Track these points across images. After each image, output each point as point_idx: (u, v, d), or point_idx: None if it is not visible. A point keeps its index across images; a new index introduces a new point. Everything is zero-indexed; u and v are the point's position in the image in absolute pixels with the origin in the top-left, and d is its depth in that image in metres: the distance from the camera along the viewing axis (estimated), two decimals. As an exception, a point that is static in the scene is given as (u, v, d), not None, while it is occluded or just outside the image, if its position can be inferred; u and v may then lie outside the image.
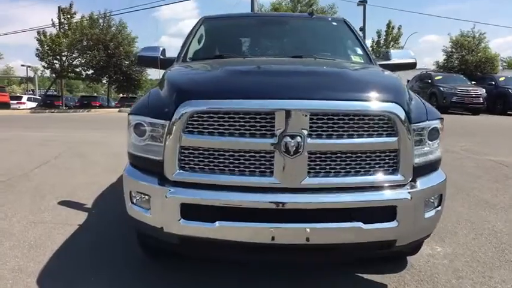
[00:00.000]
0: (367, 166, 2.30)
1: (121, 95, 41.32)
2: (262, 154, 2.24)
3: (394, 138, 2.27)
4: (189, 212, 2.28)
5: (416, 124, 2.37)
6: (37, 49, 30.50)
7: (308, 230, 2.22)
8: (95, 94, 56.23)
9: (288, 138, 2.18)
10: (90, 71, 32.19)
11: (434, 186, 2.47)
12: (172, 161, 2.31)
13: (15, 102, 34.02)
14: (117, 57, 30.33)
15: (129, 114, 2.59)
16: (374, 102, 2.27)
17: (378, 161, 2.31)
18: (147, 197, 2.41)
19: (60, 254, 3.19)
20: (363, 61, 3.85)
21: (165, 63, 3.97)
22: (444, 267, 3.02)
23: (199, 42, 4.31)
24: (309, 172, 2.25)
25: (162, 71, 3.34)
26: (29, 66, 57.82)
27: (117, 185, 5.23)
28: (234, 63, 3.15)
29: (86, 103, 34.58)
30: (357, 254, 2.59)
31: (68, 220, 3.93)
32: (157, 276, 2.86)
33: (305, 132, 2.18)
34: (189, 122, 2.26)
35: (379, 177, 2.32)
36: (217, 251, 2.49)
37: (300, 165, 2.22)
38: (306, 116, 2.18)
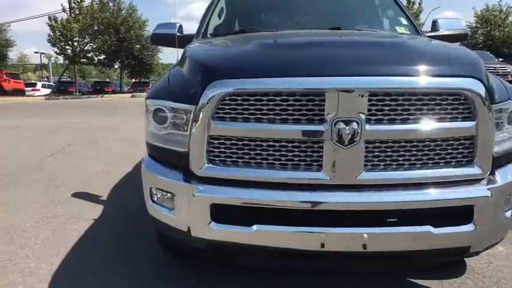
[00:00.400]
0: (436, 157, 1.89)
1: (133, 80, 41.07)
2: (308, 144, 1.84)
3: (472, 123, 1.84)
4: (221, 213, 1.91)
5: (497, 104, 1.93)
6: (49, 35, 30.43)
7: (365, 235, 1.83)
8: (107, 80, 56.25)
9: (342, 125, 1.77)
10: (102, 56, 32.00)
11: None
12: (199, 153, 1.92)
13: (29, 89, 34.07)
14: (128, 41, 30.01)
15: (146, 98, 2.20)
16: (447, 78, 1.83)
17: (450, 151, 1.89)
18: (170, 195, 2.04)
19: (74, 254, 2.88)
20: (409, 32, 3.37)
21: (182, 41, 3.55)
22: (510, 270, 2.61)
23: (219, 16, 3.86)
24: (365, 165, 1.84)
25: (179, 52, 2.94)
26: (43, 53, 57.99)
27: (133, 174, 4.92)
28: (267, 36, 2.71)
29: (98, 89, 34.45)
30: (420, 262, 2.20)
31: (83, 214, 3.62)
32: (180, 277, 2.52)
33: (362, 116, 1.77)
34: (220, 107, 1.86)
35: (452, 170, 1.90)
36: (251, 258, 2.12)
37: (355, 157, 1.82)
38: (363, 96, 1.76)
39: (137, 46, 30.97)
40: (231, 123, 1.87)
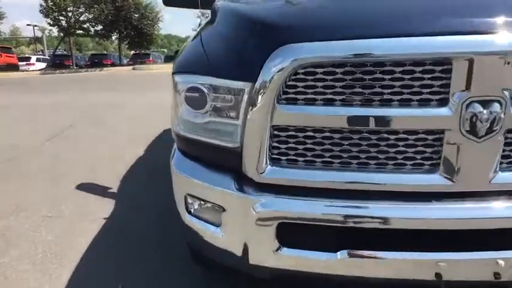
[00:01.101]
0: None
1: (133, 52, 39.73)
2: (420, 136, 1.27)
3: None
4: (292, 235, 1.37)
5: None
6: (40, 5, 28.93)
7: (500, 262, 1.28)
8: (105, 52, 54.76)
9: (478, 107, 1.19)
10: (99, 27, 30.68)
11: None
12: (258, 150, 1.36)
13: (23, 63, 32.89)
14: (126, 10, 28.70)
15: (174, 73, 1.60)
16: None
17: None
18: (216, 208, 1.49)
19: (84, 267, 2.36)
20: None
21: (203, -1, 2.88)
22: None
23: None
24: (501, 163, 1.28)
25: (182, 20, 2.29)
26: (35, 26, 56.07)
27: (146, 160, 4.37)
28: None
29: (97, 62, 33.22)
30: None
31: (91, 212, 3.09)
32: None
33: (507, 94, 1.18)
34: (290, 84, 1.28)
35: None
36: None
37: (490, 152, 1.25)
38: (509, 64, 1.16)
39: (136, 15, 29.57)
40: (307, 108, 1.29)
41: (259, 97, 1.30)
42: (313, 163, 1.35)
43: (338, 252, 1.33)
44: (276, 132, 1.34)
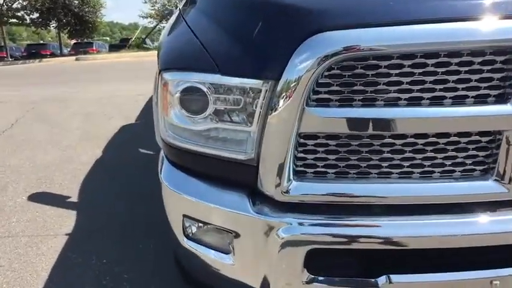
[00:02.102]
0: None
1: (74, 41, 37.20)
2: (475, 138, 1.08)
3: None
4: (323, 263, 1.14)
5: None
6: (-35, -9, 26.28)
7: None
8: (42, 41, 50.99)
9: (546, 104, 1.01)
10: (35, 15, 28.37)
11: None
12: (281, 162, 1.10)
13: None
14: (64, -4, 26.74)
15: (163, 70, 1.29)
16: None
17: None
18: (225, 233, 1.22)
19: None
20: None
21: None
22: None
23: None
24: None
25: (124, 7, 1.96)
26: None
27: (105, 161, 3.95)
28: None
29: (34, 52, 30.71)
30: None
31: (48, 227, 2.69)
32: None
33: None
34: (322, 82, 1.03)
35: None
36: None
37: (549, 154, 1.08)
38: None
39: (76, 1, 27.66)
40: (342, 111, 1.05)
41: (284, 99, 1.04)
42: (347, 175, 1.12)
43: (380, 278, 1.12)
44: (302, 140, 1.09)
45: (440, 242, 1.10)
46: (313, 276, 1.13)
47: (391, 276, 1.11)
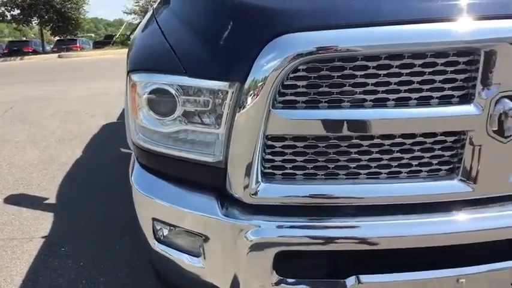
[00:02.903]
0: None
1: (57, 38, 36.52)
2: (440, 138, 1.09)
3: None
4: (292, 264, 1.14)
5: None
6: None
7: (519, 273, 1.16)
8: (24, 38, 49.97)
9: (509, 103, 1.02)
10: (16, 11, 27.77)
11: None
12: (249, 164, 1.09)
13: None
14: (46, -8, 26.21)
15: (131, 71, 1.27)
16: None
17: None
18: (196, 237, 1.21)
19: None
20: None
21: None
22: None
23: None
24: (520, 162, 1.14)
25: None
26: None
27: (85, 161, 3.89)
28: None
29: (16, 49, 30.06)
30: None
31: (24, 230, 2.64)
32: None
33: (537, 87, 1.03)
34: (288, 84, 1.02)
35: None
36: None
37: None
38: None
39: (58, -2, 27.17)
40: (309, 113, 1.05)
41: (249, 101, 1.03)
42: (315, 177, 1.12)
43: (348, 279, 1.13)
44: (270, 142, 1.09)
45: (409, 241, 1.11)
46: (282, 278, 1.13)
47: (360, 276, 1.11)
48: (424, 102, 1.04)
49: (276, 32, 1.00)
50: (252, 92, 1.02)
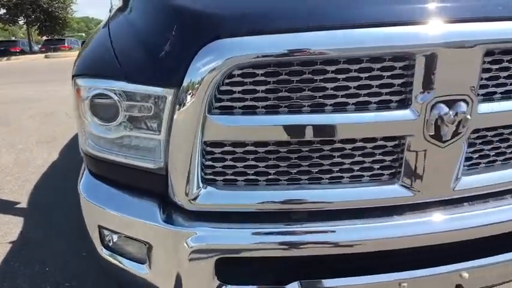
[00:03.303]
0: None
1: (45, 38, 36.11)
2: (379, 143, 1.08)
3: None
4: (233, 270, 1.13)
5: None
6: None
7: (465, 274, 1.16)
8: (14, 38, 49.36)
9: (443, 108, 1.02)
10: (2, 11, 27.42)
11: None
12: (187, 170, 1.08)
13: None
14: (32, -8, 25.91)
15: (75, 76, 1.25)
16: None
17: None
18: (140, 244, 1.20)
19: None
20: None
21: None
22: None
23: None
24: (463, 166, 1.14)
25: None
26: None
27: (61, 164, 3.85)
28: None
29: (3, 50, 29.68)
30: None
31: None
32: None
33: (473, 93, 1.03)
34: (223, 89, 1.01)
35: None
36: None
37: (454, 157, 1.11)
38: (478, 57, 1.01)
39: (44, -3, 26.85)
40: (245, 119, 1.04)
41: (185, 106, 1.02)
42: (257, 183, 1.11)
43: (290, 285, 1.12)
44: (209, 148, 1.08)
45: (351, 247, 1.10)
46: (223, 284, 1.12)
47: (302, 282, 1.11)
48: (362, 107, 1.04)
49: (209, 38, 0.99)
50: (186, 97, 1.01)
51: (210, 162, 1.09)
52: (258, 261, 1.13)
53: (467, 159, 1.15)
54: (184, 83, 1.01)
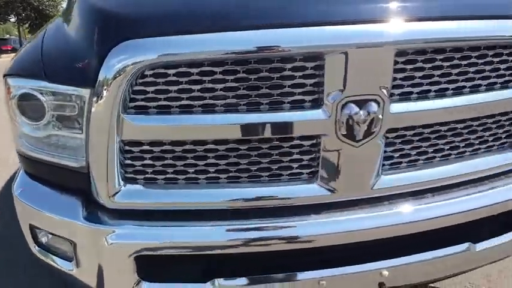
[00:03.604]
0: (477, 141, 1.27)
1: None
2: (295, 142, 1.10)
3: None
4: (155, 267, 1.15)
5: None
6: None
7: (385, 272, 1.19)
8: (7, 36, 49.03)
9: (353, 108, 1.04)
10: (-8, 9, 27.26)
11: None
12: (105, 169, 1.10)
13: None
14: (23, -11, 25.75)
15: (6, 75, 1.27)
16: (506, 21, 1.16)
17: (494, 131, 1.28)
18: (66, 241, 1.21)
19: None
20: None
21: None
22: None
23: None
24: (383, 165, 1.16)
25: None
26: None
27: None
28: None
29: (-4, 48, 29.58)
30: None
31: None
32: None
33: (385, 92, 1.05)
34: (137, 89, 1.03)
35: (497, 158, 1.30)
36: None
37: (370, 156, 1.12)
38: (389, 58, 1.03)
39: (35, -5, 26.69)
40: (160, 118, 1.05)
41: (99, 106, 1.03)
42: (176, 181, 1.13)
43: (209, 283, 1.13)
44: (127, 147, 1.09)
45: (270, 245, 1.12)
46: (142, 280, 1.13)
47: (216, 280, 1.12)
48: (275, 107, 1.06)
49: (120, 38, 1.00)
50: (100, 97, 1.02)
51: (129, 161, 1.11)
52: (179, 258, 1.15)
53: (388, 158, 1.17)
54: (97, 84, 1.02)
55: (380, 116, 1.06)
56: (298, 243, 1.13)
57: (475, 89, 1.17)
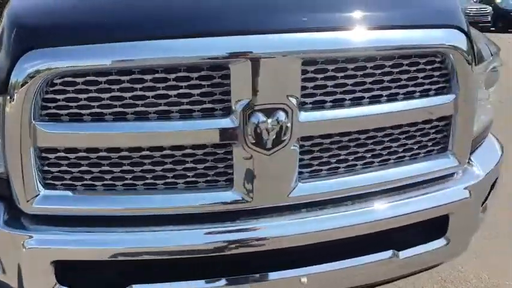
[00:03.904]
0: (400, 149, 1.29)
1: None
2: (207, 151, 1.12)
3: (450, 96, 1.24)
4: (74, 272, 1.17)
5: (480, 66, 1.34)
6: None
7: (303, 279, 1.20)
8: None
9: (260, 117, 1.06)
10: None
11: (495, 166, 1.51)
12: (21, 175, 1.11)
13: None
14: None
15: None
16: (421, 31, 1.17)
17: (418, 139, 1.30)
18: (-9, 248, 1.23)
19: None
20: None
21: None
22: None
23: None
24: (300, 173, 1.18)
25: None
26: None
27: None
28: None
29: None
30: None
31: None
32: None
33: (293, 101, 1.07)
34: (48, 97, 1.05)
35: (421, 166, 1.31)
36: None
37: (285, 164, 1.14)
38: (295, 67, 1.05)
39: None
40: (72, 125, 1.07)
41: (10, 113, 1.06)
42: (94, 188, 1.14)
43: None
44: (43, 154, 1.11)
45: (180, 249, 1.14)
46: (58, 284, 1.14)
47: (137, 286, 1.14)
48: (186, 115, 1.07)
49: (26, 47, 1.02)
50: (10, 104, 1.04)
51: (46, 168, 1.12)
52: (98, 264, 1.16)
53: (306, 166, 1.18)
54: (8, 91, 1.04)
55: (289, 125, 1.07)
56: (210, 251, 1.14)
57: (391, 98, 1.18)
